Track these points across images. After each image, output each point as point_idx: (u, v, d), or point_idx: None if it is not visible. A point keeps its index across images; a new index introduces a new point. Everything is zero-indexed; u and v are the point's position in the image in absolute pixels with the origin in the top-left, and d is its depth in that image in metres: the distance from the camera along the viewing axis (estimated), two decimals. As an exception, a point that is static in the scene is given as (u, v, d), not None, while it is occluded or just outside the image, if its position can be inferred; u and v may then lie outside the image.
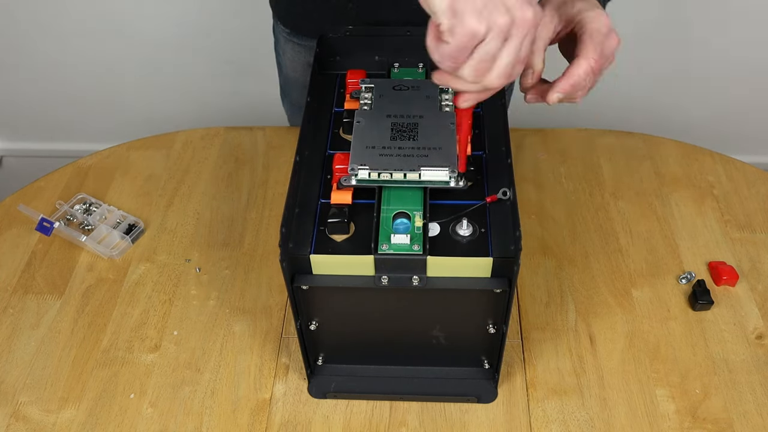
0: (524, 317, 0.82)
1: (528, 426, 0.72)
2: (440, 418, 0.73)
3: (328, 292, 0.64)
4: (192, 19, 1.47)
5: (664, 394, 0.74)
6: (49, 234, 0.91)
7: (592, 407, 0.73)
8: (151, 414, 0.74)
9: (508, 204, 0.63)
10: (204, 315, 0.83)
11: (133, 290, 0.86)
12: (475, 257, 0.59)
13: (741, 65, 1.47)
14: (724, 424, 0.72)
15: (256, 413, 0.74)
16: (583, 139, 1.04)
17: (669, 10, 1.38)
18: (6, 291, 0.86)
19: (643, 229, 0.91)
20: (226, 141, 1.05)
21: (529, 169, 0.99)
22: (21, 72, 1.59)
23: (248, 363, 0.78)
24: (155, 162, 1.02)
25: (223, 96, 1.59)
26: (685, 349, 0.78)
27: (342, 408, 0.74)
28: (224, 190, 0.98)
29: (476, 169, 0.67)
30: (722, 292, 0.84)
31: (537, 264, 0.87)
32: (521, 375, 0.76)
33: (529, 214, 0.93)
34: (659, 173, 0.98)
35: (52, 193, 0.98)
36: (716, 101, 1.55)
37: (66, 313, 0.84)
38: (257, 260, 0.89)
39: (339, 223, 0.61)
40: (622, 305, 0.83)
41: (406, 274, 0.60)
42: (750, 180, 0.97)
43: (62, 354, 0.80)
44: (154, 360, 0.79)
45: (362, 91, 0.72)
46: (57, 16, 1.47)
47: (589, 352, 0.78)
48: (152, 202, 0.97)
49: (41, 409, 0.75)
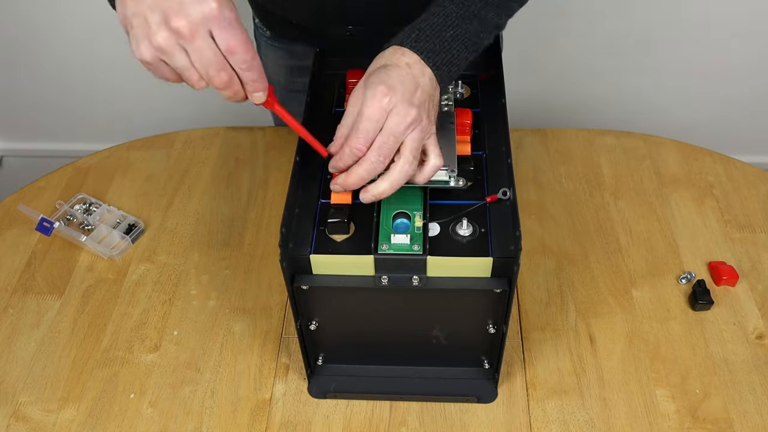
0: (524, 317, 0.82)
1: (528, 426, 0.72)
2: (440, 418, 0.73)
3: (328, 292, 0.64)
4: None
5: (664, 394, 0.74)
6: (49, 234, 0.91)
7: (592, 407, 0.73)
8: (151, 414, 0.74)
9: (508, 204, 0.63)
10: (204, 315, 0.83)
11: (133, 290, 0.86)
12: (475, 257, 0.59)
13: (741, 65, 1.47)
14: (724, 424, 0.72)
15: (256, 413, 0.74)
16: (583, 139, 1.04)
17: (669, 10, 1.38)
18: (6, 291, 0.86)
19: (643, 229, 0.91)
20: (226, 141, 1.05)
21: (529, 169, 0.99)
22: (21, 72, 1.58)
23: (248, 363, 0.78)
24: (155, 162, 1.02)
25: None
26: (685, 349, 0.78)
27: (342, 408, 0.74)
28: (224, 190, 0.98)
29: (476, 169, 0.67)
30: (722, 292, 0.84)
31: (537, 264, 0.87)
32: (521, 375, 0.76)
33: (529, 214, 0.93)
34: (659, 173, 0.98)
35: (52, 193, 0.98)
36: (716, 101, 1.55)
37: (66, 313, 0.84)
38: (257, 260, 0.89)
39: (339, 223, 0.61)
40: (622, 305, 0.83)
41: (406, 274, 0.60)
42: (750, 180, 0.97)
43: (62, 354, 0.80)
44: (154, 360, 0.79)
45: None
46: (57, 16, 1.46)
47: (589, 352, 0.78)
48: (152, 202, 0.97)
49: (41, 409, 0.75)
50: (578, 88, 1.53)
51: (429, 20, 0.62)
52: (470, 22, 0.63)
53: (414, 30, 0.62)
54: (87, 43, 1.51)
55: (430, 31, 0.61)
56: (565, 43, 1.45)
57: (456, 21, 0.62)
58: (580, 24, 1.42)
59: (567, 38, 1.44)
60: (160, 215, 0.95)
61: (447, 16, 0.62)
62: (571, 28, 1.42)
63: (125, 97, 1.63)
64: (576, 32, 1.43)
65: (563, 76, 1.51)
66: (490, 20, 0.64)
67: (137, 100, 1.63)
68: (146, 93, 1.61)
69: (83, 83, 1.60)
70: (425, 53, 0.60)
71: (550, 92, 1.53)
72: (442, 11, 0.62)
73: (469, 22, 0.62)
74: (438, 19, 0.62)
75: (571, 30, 1.42)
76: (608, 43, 1.44)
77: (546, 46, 1.45)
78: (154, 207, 0.96)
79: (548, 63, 1.49)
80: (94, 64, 1.55)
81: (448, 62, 0.62)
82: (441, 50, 0.61)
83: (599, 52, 1.46)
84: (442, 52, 0.61)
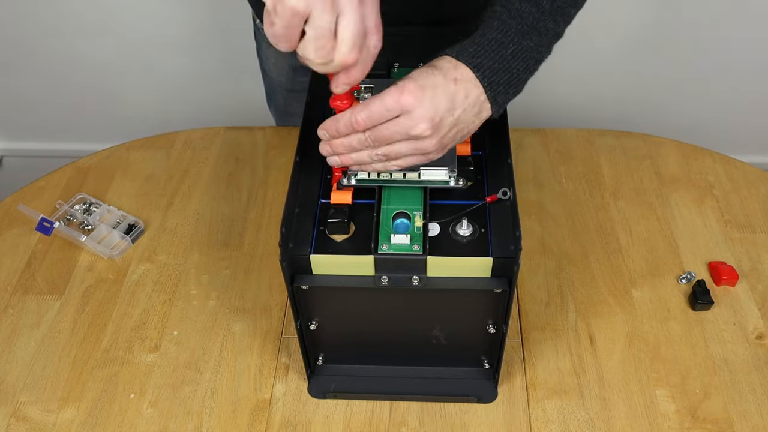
0: (524, 317, 0.82)
1: (528, 426, 0.72)
2: (440, 418, 0.73)
3: (328, 292, 0.64)
4: (192, 18, 1.47)
5: (664, 394, 0.74)
6: (49, 234, 0.91)
7: (592, 407, 0.73)
8: (151, 414, 0.74)
9: (508, 204, 0.63)
10: (204, 315, 0.83)
11: (133, 290, 0.86)
12: (475, 257, 0.59)
13: (741, 65, 1.47)
14: (724, 424, 0.72)
15: (256, 413, 0.74)
16: (583, 139, 1.04)
17: (669, 10, 1.38)
18: (6, 291, 0.86)
19: (643, 229, 0.91)
20: (226, 141, 1.05)
21: (529, 169, 0.99)
22: (21, 72, 1.58)
23: (248, 363, 0.78)
24: (155, 162, 1.02)
25: (223, 96, 1.59)
26: (685, 349, 0.78)
27: (342, 408, 0.74)
28: (224, 190, 0.98)
29: (476, 169, 0.67)
30: (722, 292, 0.84)
31: (537, 264, 0.87)
32: (521, 375, 0.76)
33: (529, 214, 0.93)
34: (659, 173, 0.98)
35: (52, 193, 0.98)
36: (716, 101, 1.55)
37: (66, 313, 0.84)
38: (257, 260, 0.89)
39: (339, 223, 0.61)
40: (622, 305, 0.83)
41: (406, 274, 0.60)
42: (750, 180, 0.97)
43: (62, 354, 0.80)
44: (154, 360, 0.79)
45: (362, 91, 0.71)
46: (57, 16, 1.46)
47: (589, 352, 0.78)
48: (152, 202, 0.97)
49: (41, 409, 0.75)
50: (578, 88, 1.53)
51: (487, 34, 0.56)
52: (530, 37, 0.57)
53: (472, 44, 0.56)
54: (87, 43, 1.51)
55: (489, 47, 0.56)
56: (566, 43, 1.45)
57: (515, 36, 0.56)
58: (580, 24, 1.42)
59: (567, 38, 1.44)
60: (160, 215, 0.95)
61: (506, 31, 0.56)
62: (571, 28, 1.42)
63: (125, 97, 1.63)
64: (576, 32, 1.43)
65: (563, 76, 1.51)
66: (549, 30, 0.59)
67: (137, 100, 1.63)
68: (146, 93, 1.62)
69: (83, 83, 1.60)
70: (482, 70, 0.55)
71: (550, 92, 1.53)
72: (501, 26, 0.56)
73: (528, 38, 0.57)
74: (497, 34, 0.56)
75: (571, 30, 1.42)
76: (608, 44, 1.44)
77: (546, 46, 1.44)
78: (154, 207, 0.96)
79: (548, 63, 1.48)
80: (94, 64, 1.55)
81: (506, 82, 0.56)
82: (500, 68, 0.56)
83: (599, 53, 1.46)
84: (501, 70, 0.56)
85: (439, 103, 0.54)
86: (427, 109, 0.54)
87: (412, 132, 0.54)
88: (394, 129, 0.55)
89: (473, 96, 0.55)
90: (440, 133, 0.55)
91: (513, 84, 0.57)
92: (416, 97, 0.53)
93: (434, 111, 0.54)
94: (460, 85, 0.55)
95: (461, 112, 0.55)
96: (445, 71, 0.55)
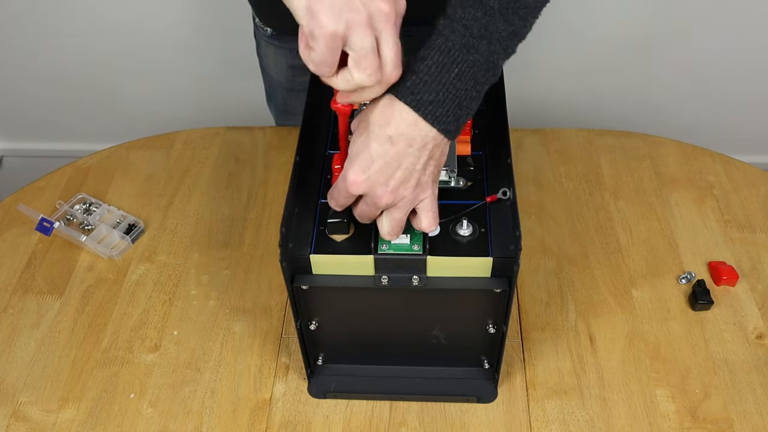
0: (524, 317, 0.82)
1: (528, 426, 0.72)
2: (440, 418, 0.73)
3: (328, 292, 0.64)
4: (192, 18, 1.47)
5: (664, 394, 0.74)
6: (49, 234, 0.91)
7: (592, 407, 0.73)
8: (151, 414, 0.74)
9: (508, 204, 0.63)
10: (204, 315, 0.83)
11: (133, 290, 0.86)
12: (475, 257, 0.59)
13: (741, 65, 1.47)
14: (724, 424, 0.72)
15: (256, 413, 0.74)
16: (583, 139, 1.04)
17: (669, 10, 1.38)
18: (6, 291, 0.86)
19: (643, 229, 0.91)
20: (226, 141, 1.05)
21: (529, 169, 0.99)
22: (21, 72, 1.58)
23: (248, 363, 0.78)
24: (155, 162, 1.02)
25: (223, 96, 1.59)
26: (685, 349, 0.78)
27: (342, 408, 0.74)
28: (224, 190, 0.98)
29: (476, 169, 0.67)
30: (722, 292, 0.84)
31: (537, 264, 0.87)
32: (521, 375, 0.76)
33: (529, 214, 0.93)
34: (659, 173, 0.99)
35: (52, 193, 0.98)
36: (716, 101, 1.55)
37: (66, 313, 0.84)
38: (257, 260, 0.89)
39: (339, 223, 0.61)
40: (622, 305, 0.83)
41: (406, 274, 0.60)
42: (750, 180, 0.97)
43: (62, 354, 0.80)
44: (154, 360, 0.79)
45: None
46: (57, 16, 1.46)
47: (589, 352, 0.78)
48: (152, 202, 0.97)
49: (41, 409, 0.75)
50: (578, 88, 1.53)
51: (429, 58, 0.52)
52: (476, 49, 0.52)
53: (411, 73, 0.52)
54: (87, 43, 1.51)
55: (430, 73, 0.52)
56: (565, 43, 1.45)
57: (459, 54, 0.52)
58: (580, 24, 1.42)
59: (567, 38, 1.44)
60: (160, 215, 0.95)
61: (449, 50, 0.52)
62: (570, 28, 1.42)
63: (125, 97, 1.63)
64: (576, 32, 1.43)
65: (563, 76, 1.51)
66: (501, 33, 0.53)
67: (137, 100, 1.63)
68: (146, 93, 1.62)
69: (83, 83, 1.60)
70: (423, 108, 0.52)
71: (550, 92, 1.53)
72: (444, 44, 0.52)
73: (475, 50, 0.52)
74: (439, 56, 0.52)
75: (570, 30, 1.42)
76: (608, 43, 1.44)
77: (546, 46, 1.45)
78: (154, 207, 0.96)
79: (548, 63, 1.49)
80: (94, 64, 1.55)
81: (455, 109, 0.53)
82: (445, 98, 0.52)
83: (599, 52, 1.46)
84: (447, 100, 0.52)
85: (385, 170, 0.54)
86: (380, 182, 0.54)
87: (378, 206, 0.56)
88: (366, 211, 0.58)
89: (420, 137, 0.53)
90: (407, 186, 0.55)
91: (464, 107, 0.53)
92: (366, 174, 0.54)
93: (386, 178, 0.54)
94: (398, 143, 0.53)
95: (412, 158, 0.54)
96: (376, 131, 0.54)
